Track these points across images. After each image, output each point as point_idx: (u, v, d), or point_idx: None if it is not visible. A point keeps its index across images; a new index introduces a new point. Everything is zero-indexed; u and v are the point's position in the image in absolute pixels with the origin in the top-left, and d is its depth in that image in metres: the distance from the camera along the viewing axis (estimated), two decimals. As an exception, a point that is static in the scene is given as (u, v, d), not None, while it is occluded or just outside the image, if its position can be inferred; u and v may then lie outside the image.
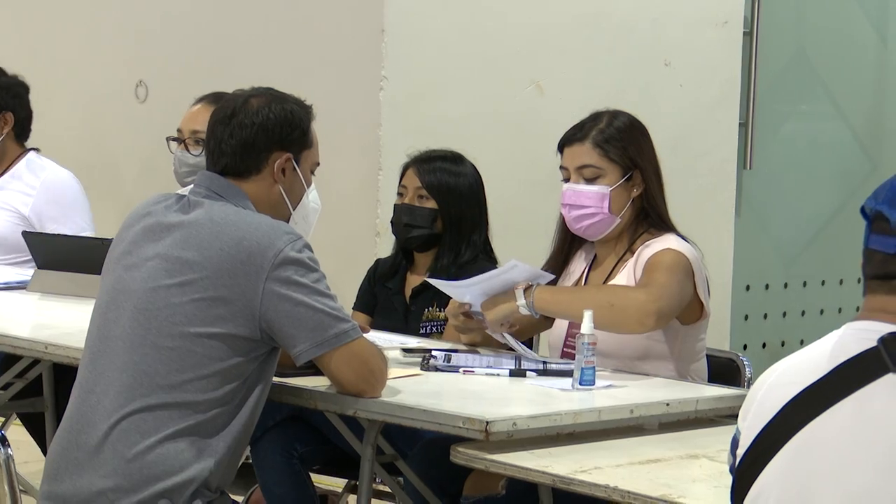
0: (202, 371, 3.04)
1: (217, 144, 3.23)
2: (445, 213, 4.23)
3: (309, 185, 3.34)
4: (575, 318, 3.55)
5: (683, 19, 6.08)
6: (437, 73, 5.53)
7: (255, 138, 3.22)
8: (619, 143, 3.75)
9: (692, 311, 3.69)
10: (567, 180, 3.79)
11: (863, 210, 2.12)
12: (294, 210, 3.29)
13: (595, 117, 3.81)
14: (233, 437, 3.08)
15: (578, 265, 3.89)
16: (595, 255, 3.87)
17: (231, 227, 3.09)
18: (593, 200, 3.73)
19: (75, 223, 5.04)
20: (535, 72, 5.74)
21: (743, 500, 2.07)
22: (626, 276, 3.73)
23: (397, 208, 4.29)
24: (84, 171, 6.53)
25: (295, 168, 3.27)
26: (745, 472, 2.07)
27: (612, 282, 3.74)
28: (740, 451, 2.09)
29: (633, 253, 3.75)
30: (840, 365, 2.02)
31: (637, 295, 3.55)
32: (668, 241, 3.70)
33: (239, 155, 3.22)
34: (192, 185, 3.29)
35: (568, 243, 3.90)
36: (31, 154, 5.24)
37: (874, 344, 2.00)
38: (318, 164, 3.38)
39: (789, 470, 2.01)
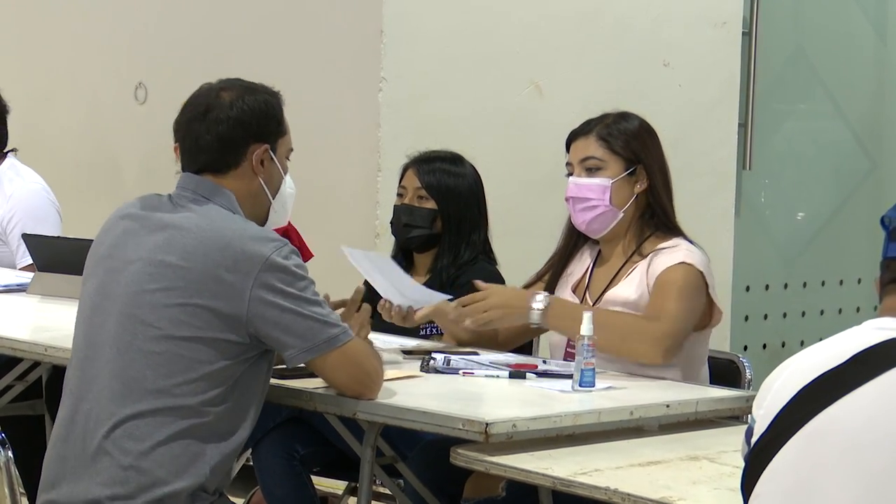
0: (190, 375, 3.01)
1: (194, 142, 3.19)
2: (445, 213, 4.24)
3: (286, 172, 3.29)
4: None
5: (682, 19, 6.08)
6: (436, 73, 5.53)
7: (234, 133, 3.18)
8: (623, 137, 3.74)
9: (703, 317, 3.67)
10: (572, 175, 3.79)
11: (882, 221, 2.15)
12: (273, 200, 3.27)
13: (604, 115, 3.82)
14: (228, 439, 3.07)
15: (580, 266, 3.87)
16: (599, 253, 3.86)
17: (216, 234, 3.06)
18: (595, 192, 3.73)
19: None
20: (534, 72, 5.74)
21: (755, 484, 2.07)
22: (637, 279, 3.70)
23: (397, 209, 4.30)
24: (85, 173, 6.55)
25: (272, 158, 3.24)
26: (758, 456, 2.08)
27: (620, 284, 3.73)
28: (754, 439, 2.10)
29: (643, 256, 3.72)
30: (860, 353, 2.03)
31: (651, 330, 3.53)
32: (680, 252, 3.67)
33: (218, 151, 3.17)
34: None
35: (572, 244, 3.89)
36: (8, 161, 5.24)
37: (894, 335, 2.03)
38: (292, 149, 3.32)
39: (803, 454, 2.02)
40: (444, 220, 4.24)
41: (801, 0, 6.76)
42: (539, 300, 3.62)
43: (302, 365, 3.18)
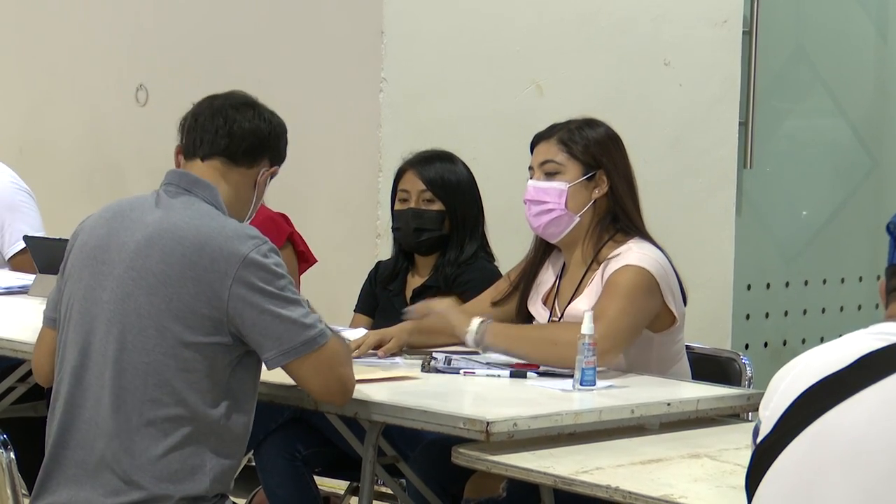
0: (178, 384, 2.99)
1: (226, 124, 3.17)
2: (452, 212, 4.22)
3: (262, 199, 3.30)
4: (520, 355, 3.58)
5: (683, 18, 6.08)
6: (436, 74, 5.53)
7: (267, 136, 3.20)
8: (583, 142, 3.73)
9: (663, 319, 3.65)
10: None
11: (888, 228, 2.15)
12: (247, 219, 3.24)
13: (570, 121, 3.81)
14: (226, 446, 3.05)
15: (548, 276, 3.86)
16: (564, 263, 3.84)
17: (193, 232, 3.03)
18: (551, 196, 3.72)
19: (16, 229, 5.03)
20: (535, 72, 5.74)
21: (758, 484, 2.08)
22: (594, 291, 3.67)
23: (403, 213, 4.24)
24: (85, 176, 6.55)
25: (267, 183, 3.26)
26: (762, 457, 2.08)
27: (581, 297, 3.70)
28: (759, 439, 2.11)
29: (599, 263, 3.70)
30: (862, 357, 2.03)
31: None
32: (629, 254, 3.64)
33: (246, 141, 3.18)
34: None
35: (542, 252, 3.88)
36: None
37: None
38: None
39: (805, 457, 2.03)
40: (452, 219, 4.23)
41: (802, -2, 6.77)
42: (472, 328, 3.61)
43: None
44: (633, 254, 3.64)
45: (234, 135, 3.17)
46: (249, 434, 3.13)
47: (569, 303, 3.74)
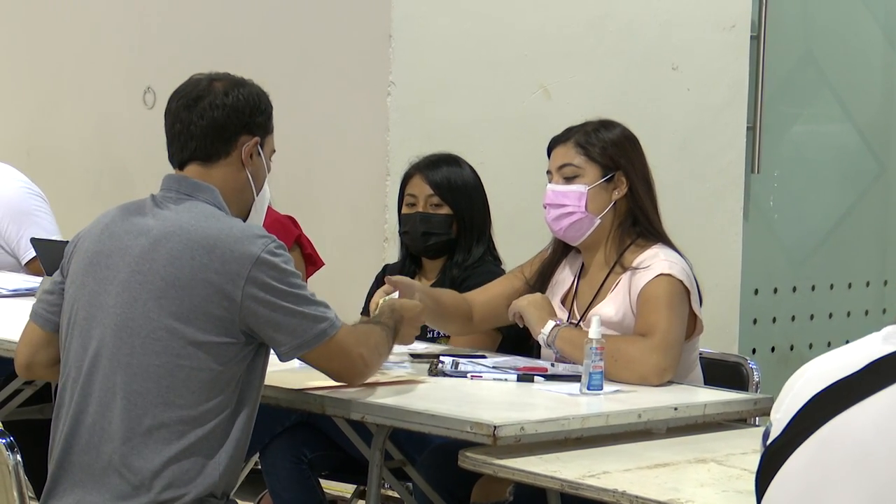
0: (192, 384, 3.00)
1: (185, 128, 3.17)
2: (460, 216, 4.22)
3: (269, 171, 3.26)
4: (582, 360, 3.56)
5: (691, 23, 6.08)
6: (444, 78, 5.53)
7: (227, 121, 3.16)
8: (600, 144, 3.73)
9: (689, 327, 3.65)
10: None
11: None
12: (256, 196, 3.24)
13: (586, 122, 3.82)
14: (234, 444, 3.06)
15: (566, 276, 3.86)
16: (582, 265, 3.84)
17: (200, 235, 3.04)
18: (571, 199, 3.72)
19: (31, 234, 5.04)
20: (543, 76, 5.74)
21: (767, 486, 2.08)
22: (620, 297, 3.67)
23: (411, 218, 4.24)
24: (94, 178, 6.56)
25: (260, 153, 3.22)
26: (771, 460, 2.08)
27: (605, 301, 3.70)
28: (769, 442, 2.11)
29: (623, 268, 3.69)
30: (872, 362, 2.03)
31: (642, 352, 3.51)
32: (658, 264, 3.63)
33: (210, 137, 3.16)
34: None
35: (558, 254, 3.88)
36: None
37: None
38: (274, 150, 3.30)
39: (812, 461, 2.03)
40: (460, 223, 4.23)
41: (810, 3, 6.75)
42: (546, 329, 3.65)
43: None
44: (661, 262, 3.64)
45: (196, 136, 3.17)
46: (254, 419, 3.13)
47: (589, 305, 3.74)
